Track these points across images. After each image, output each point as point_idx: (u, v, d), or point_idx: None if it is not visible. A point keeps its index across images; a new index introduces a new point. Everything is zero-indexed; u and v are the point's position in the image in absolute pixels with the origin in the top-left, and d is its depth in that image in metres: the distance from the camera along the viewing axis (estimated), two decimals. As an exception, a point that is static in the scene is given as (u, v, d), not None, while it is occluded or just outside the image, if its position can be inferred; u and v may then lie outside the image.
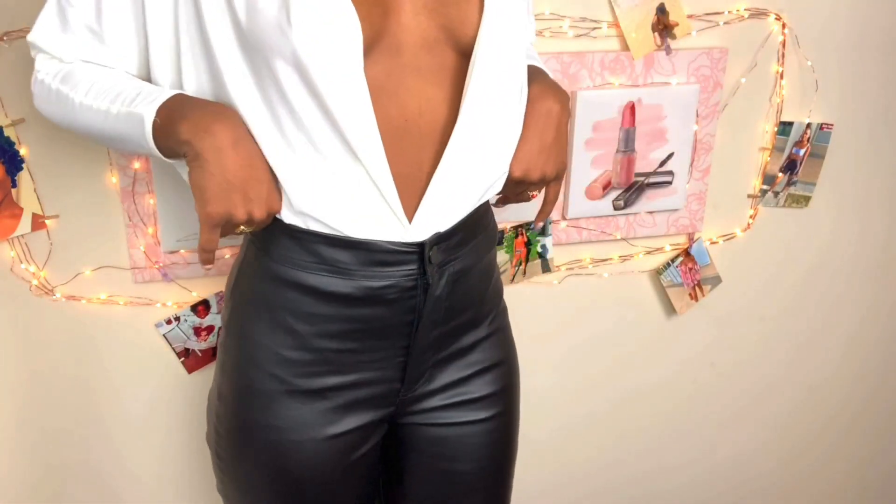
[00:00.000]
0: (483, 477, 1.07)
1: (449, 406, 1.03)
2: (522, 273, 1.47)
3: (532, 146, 0.97)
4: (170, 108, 0.83)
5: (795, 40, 1.46)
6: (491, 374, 1.05)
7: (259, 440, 0.96)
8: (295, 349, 0.93)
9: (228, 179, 0.81)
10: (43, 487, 1.43)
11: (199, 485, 1.51)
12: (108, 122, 0.87)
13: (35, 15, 0.90)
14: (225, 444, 0.99)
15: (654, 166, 1.45)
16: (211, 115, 0.82)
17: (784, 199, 1.57)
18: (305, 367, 0.93)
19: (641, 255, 1.54)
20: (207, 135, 0.80)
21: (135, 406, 1.42)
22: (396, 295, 0.91)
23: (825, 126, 1.53)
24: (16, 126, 1.19)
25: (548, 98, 0.97)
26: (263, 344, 0.93)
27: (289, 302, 0.91)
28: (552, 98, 0.98)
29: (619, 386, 1.66)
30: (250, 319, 0.94)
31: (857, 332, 1.77)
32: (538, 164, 0.97)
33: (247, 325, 0.94)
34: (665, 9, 1.36)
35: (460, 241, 0.94)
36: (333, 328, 0.92)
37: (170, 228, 1.28)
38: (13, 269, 1.27)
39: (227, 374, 0.98)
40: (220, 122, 0.81)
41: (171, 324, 1.36)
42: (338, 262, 0.88)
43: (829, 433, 1.87)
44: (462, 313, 0.99)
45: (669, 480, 1.80)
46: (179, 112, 0.82)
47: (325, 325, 0.92)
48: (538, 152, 0.97)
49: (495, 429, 1.06)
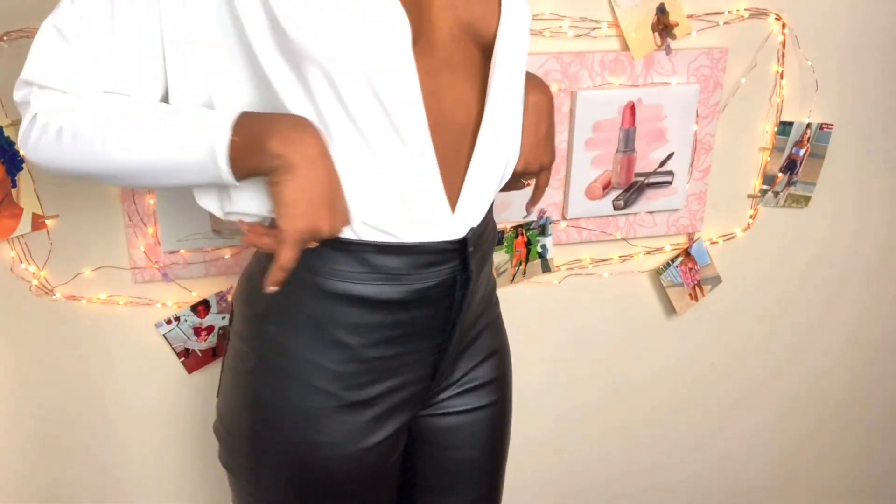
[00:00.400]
0: (485, 462, 1.09)
1: (459, 394, 1.04)
2: (522, 273, 1.47)
3: (530, 139, 0.99)
4: (247, 125, 0.78)
5: (795, 40, 1.46)
6: (491, 360, 1.07)
7: (307, 457, 0.93)
8: (345, 362, 0.90)
9: (319, 192, 0.78)
10: (43, 487, 1.43)
11: (199, 484, 1.51)
12: (159, 155, 0.80)
13: (35, 15, 0.90)
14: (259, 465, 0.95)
15: (654, 166, 1.45)
16: (296, 127, 0.78)
17: (784, 199, 1.57)
18: (355, 378, 0.91)
19: (641, 255, 1.54)
20: (300, 146, 0.77)
21: (135, 406, 1.42)
22: (440, 294, 0.91)
23: (825, 126, 1.53)
24: (16, 126, 1.19)
25: (536, 90, 1.00)
26: (311, 361, 0.90)
27: (338, 315, 0.88)
28: (539, 90, 1.00)
29: (619, 386, 1.66)
30: (293, 338, 0.90)
31: (857, 332, 1.77)
32: (537, 156, 1.01)
33: (289, 343, 0.90)
34: (665, 9, 1.36)
35: (484, 230, 0.96)
36: (382, 335, 0.90)
37: (170, 228, 1.28)
38: (13, 269, 1.27)
39: (267, 397, 0.92)
40: (307, 133, 0.78)
41: (171, 324, 1.36)
42: (389, 268, 0.87)
43: (828, 432, 1.87)
44: (482, 301, 1.02)
45: (669, 479, 1.81)
46: (262, 127, 0.78)
47: (374, 334, 0.90)
48: (535, 144, 1.00)
49: (496, 415, 1.08)
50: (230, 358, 0.97)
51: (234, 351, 0.96)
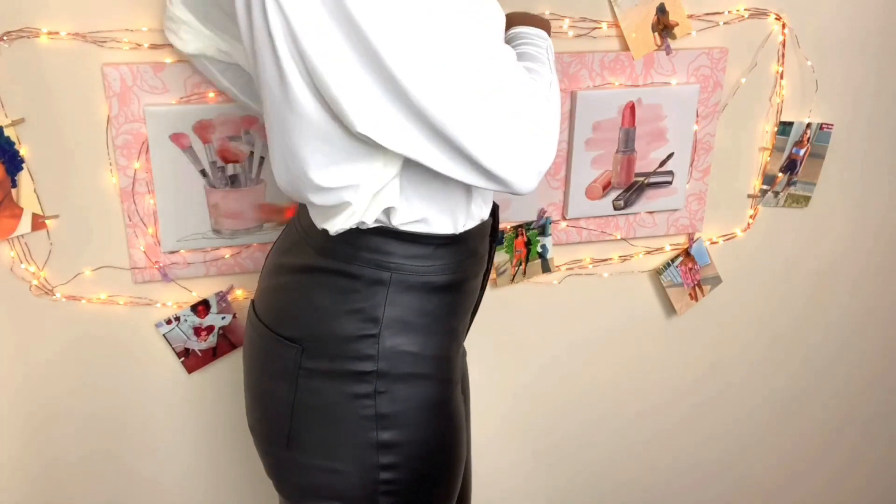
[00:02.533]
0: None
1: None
2: (522, 273, 1.47)
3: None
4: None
5: (795, 40, 1.46)
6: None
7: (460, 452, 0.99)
8: (453, 346, 0.98)
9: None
10: (42, 487, 1.43)
11: (199, 484, 1.51)
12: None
13: (35, 15, 0.90)
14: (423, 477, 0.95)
15: (654, 166, 1.45)
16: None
17: (784, 199, 1.57)
18: (457, 357, 1.00)
19: (641, 255, 1.54)
20: None
21: (134, 406, 1.42)
22: (485, 250, 1.02)
23: (825, 126, 1.53)
24: (16, 126, 1.19)
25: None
26: (437, 356, 0.95)
27: (445, 306, 0.96)
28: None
29: (619, 385, 1.66)
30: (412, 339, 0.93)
31: (857, 331, 1.77)
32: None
33: (410, 346, 0.92)
34: (665, 9, 1.36)
35: None
36: (464, 311, 1.00)
37: (170, 228, 1.28)
38: (13, 269, 1.27)
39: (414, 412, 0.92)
40: None
41: (171, 324, 1.36)
42: (476, 251, 0.98)
43: (828, 431, 1.87)
44: None
45: (669, 479, 1.80)
46: None
47: (463, 313, 1.00)
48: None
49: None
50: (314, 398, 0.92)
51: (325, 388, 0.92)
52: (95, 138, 1.22)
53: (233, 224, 1.31)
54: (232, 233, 1.31)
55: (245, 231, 1.32)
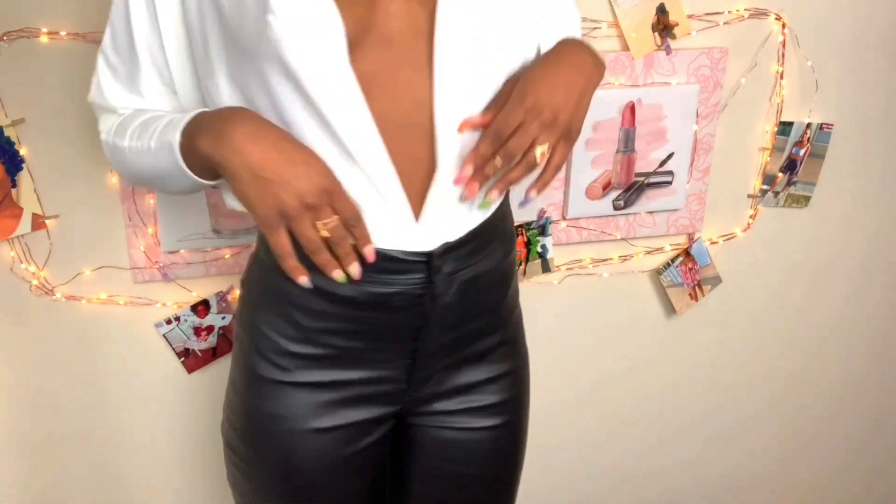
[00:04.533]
0: (488, 483, 1.07)
1: (458, 412, 1.02)
2: (522, 273, 1.47)
3: (541, 70, 0.85)
4: (191, 128, 0.80)
5: (795, 40, 1.46)
6: (501, 382, 1.04)
7: (265, 428, 0.96)
8: (300, 342, 0.92)
9: (258, 175, 0.76)
10: (42, 487, 1.43)
11: (199, 484, 1.51)
12: (151, 160, 0.85)
13: (35, 15, 0.90)
14: (235, 432, 1.00)
15: (654, 166, 1.45)
16: (223, 120, 0.78)
17: (784, 199, 1.57)
18: (310, 360, 0.93)
19: (641, 255, 1.54)
20: (223, 140, 0.77)
21: (134, 406, 1.42)
22: (403, 302, 0.89)
23: (825, 126, 1.53)
24: (16, 126, 1.19)
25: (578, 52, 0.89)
26: (270, 335, 0.93)
27: (296, 298, 0.90)
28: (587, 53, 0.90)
29: (619, 385, 1.66)
30: (259, 310, 0.94)
31: (858, 332, 1.77)
32: (545, 88, 0.83)
33: (256, 315, 0.94)
34: (665, 9, 1.36)
35: (473, 249, 0.92)
36: (339, 326, 0.91)
37: (170, 228, 1.28)
38: (13, 269, 1.27)
39: (238, 363, 0.98)
40: (231, 124, 0.77)
41: (171, 324, 1.36)
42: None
43: (828, 431, 1.87)
44: (475, 319, 0.97)
45: (669, 479, 1.80)
46: (196, 128, 0.80)
47: (330, 323, 0.91)
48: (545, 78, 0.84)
49: (502, 437, 1.06)
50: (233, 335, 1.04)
51: (235, 329, 1.02)
52: (95, 138, 1.21)
53: (233, 224, 1.31)
54: (232, 233, 1.31)
55: (245, 231, 1.32)
